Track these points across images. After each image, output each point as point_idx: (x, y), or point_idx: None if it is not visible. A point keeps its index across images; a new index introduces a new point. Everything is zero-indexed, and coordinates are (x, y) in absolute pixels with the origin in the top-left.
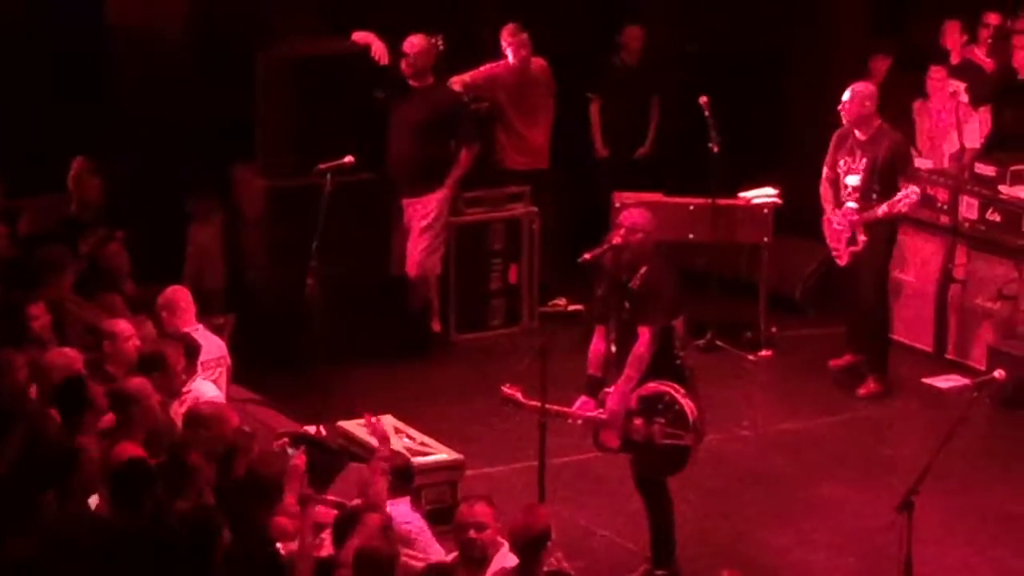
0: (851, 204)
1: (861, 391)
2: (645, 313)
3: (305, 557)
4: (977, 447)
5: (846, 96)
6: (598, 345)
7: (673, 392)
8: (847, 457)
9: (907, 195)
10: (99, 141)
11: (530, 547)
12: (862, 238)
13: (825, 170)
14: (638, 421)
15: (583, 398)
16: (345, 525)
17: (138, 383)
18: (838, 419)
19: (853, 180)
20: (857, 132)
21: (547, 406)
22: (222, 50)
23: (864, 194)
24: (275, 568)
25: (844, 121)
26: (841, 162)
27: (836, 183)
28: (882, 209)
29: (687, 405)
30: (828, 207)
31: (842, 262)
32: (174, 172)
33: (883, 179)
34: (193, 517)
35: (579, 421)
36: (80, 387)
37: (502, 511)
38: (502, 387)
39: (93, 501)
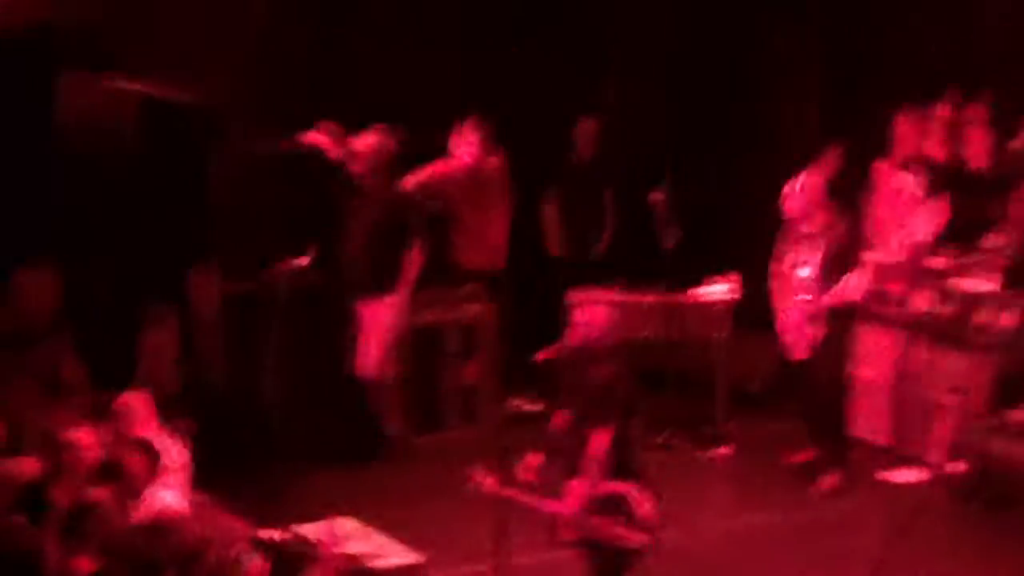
0: (805, 296)
1: (820, 486)
2: (601, 413)
3: None
4: (937, 541)
5: (796, 188)
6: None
7: (630, 493)
8: (807, 552)
9: (856, 281)
10: (48, 245)
11: None
12: (816, 331)
13: (773, 264)
14: (595, 519)
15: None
16: None
17: (97, 494)
18: (798, 515)
19: (804, 272)
20: (804, 225)
21: (515, 497)
22: (172, 152)
23: (816, 285)
24: None
25: (790, 213)
26: (790, 254)
27: (785, 276)
28: (831, 296)
29: (643, 507)
30: (780, 302)
31: (797, 356)
32: (126, 276)
33: (835, 270)
34: None
35: (541, 509)
36: (43, 492)
37: None
38: (474, 474)
39: None
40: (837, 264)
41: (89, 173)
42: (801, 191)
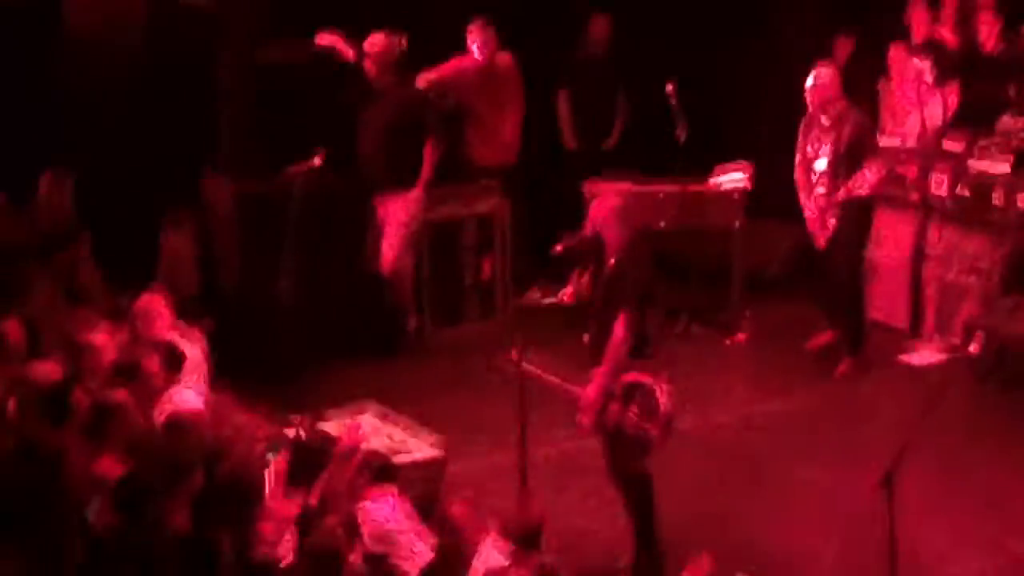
0: (820, 189)
1: (838, 371)
2: (617, 298)
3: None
4: (956, 422)
5: (809, 81)
6: None
7: (652, 383)
8: (827, 438)
9: (864, 177)
10: (67, 151)
11: (524, 541)
12: (832, 222)
13: (798, 156)
14: (614, 407)
15: None
16: (307, 526)
17: (117, 395)
18: (816, 400)
19: (820, 165)
20: (822, 117)
21: (543, 378)
22: (183, 57)
23: (832, 178)
24: (259, 573)
25: (809, 106)
26: (809, 148)
27: (808, 169)
28: (842, 192)
29: (662, 398)
30: (803, 193)
31: (819, 245)
32: (145, 180)
33: (848, 162)
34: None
35: (565, 393)
36: (64, 395)
37: (486, 504)
38: (507, 354)
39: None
40: (850, 156)
41: (102, 78)
42: (816, 83)
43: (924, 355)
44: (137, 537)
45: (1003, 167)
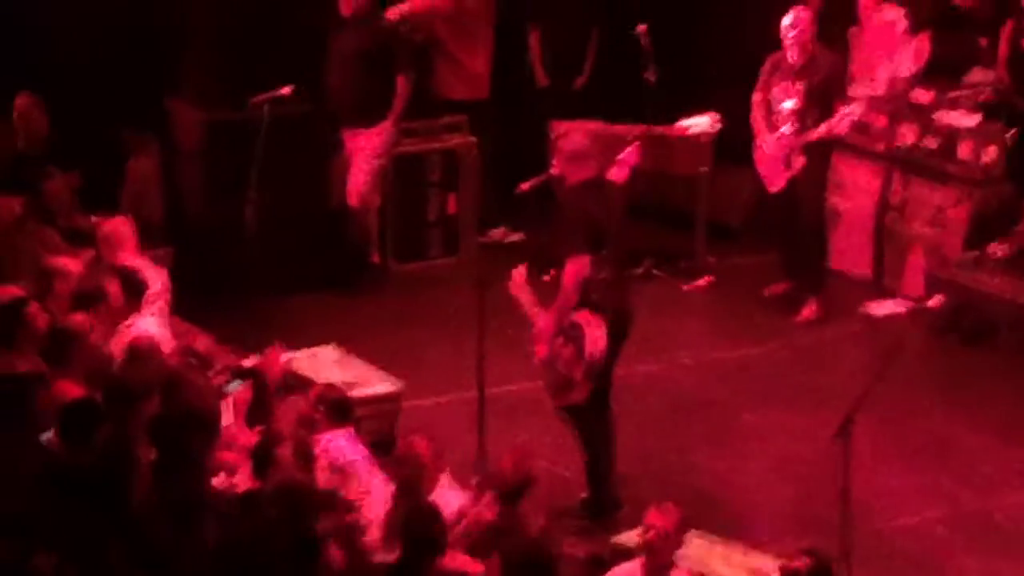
0: (786, 128)
1: (799, 318)
2: (564, 242)
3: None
4: (913, 374)
5: (787, 21)
6: None
7: (585, 327)
8: (785, 384)
9: (847, 113)
10: (33, 75)
11: (512, 494)
12: (798, 162)
13: (757, 96)
14: (559, 340)
15: None
16: (264, 455)
17: (76, 319)
18: (775, 346)
19: (789, 104)
20: (792, 57)
21: (524, 300)
22: None
23: (801, 118)
24: (211, 501)
25: (792, 49)
26: (776, 88)
27: (768, 108)
28: (821, 130)
29: (590, 344)
30: (761, 133)
31: (774, 188)
32: (111, 106)
33: (820, 102)
34: (107, 448)
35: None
36: (18, 310)
37: (441, 443)
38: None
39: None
40: (822, 97)
41: (70, 3)
42: (797, 24)
43: (885, 306)
44: (86, 462)
45: (971, 120)
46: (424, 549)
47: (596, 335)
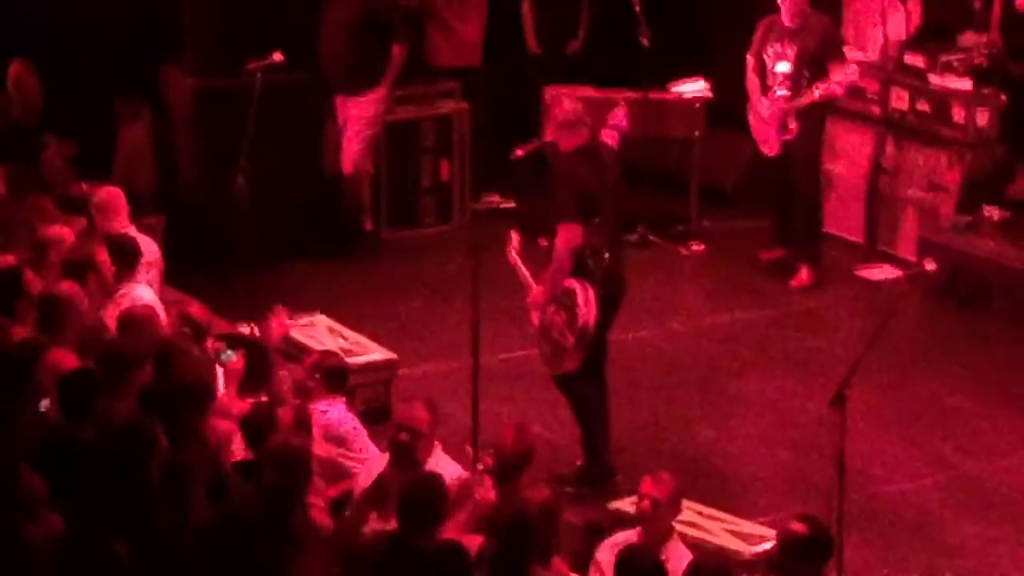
0: (781, 92)
1: (794, 282)
2: (558, 209)
3: None
4: (908, 339)
5: None
6: None
7: (579, 293)
8: (780, 350)
9: (845, 75)
10: (24, 43)
11: (512, 467)
12: (793, 125)
13: (750, 59)
14: (551, 308)
15: None
16: (257, 424)
17: (67, 287)
18: (770, 312)
19: (783, 67)
20: (786, 20)
21: (519, 267)
22: None
23: (795, 81)
24: (211, 468)
25: (786, 11)
26: (769, 50)
27: (762, 72)
28: (818, 91)
29: (583, 311)
30: (755, 96)
31: (771, 152)
32: (103, 72)
33: (813, 65)
34: (127, 428)
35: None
36: (16, 278)
37: (439, 412)
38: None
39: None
40: (815, 61)
41: None
42: None
43: (880, 270)
44: (82, 431)
45: (964, 83)
46: (424, 519)
47: (588, 302)
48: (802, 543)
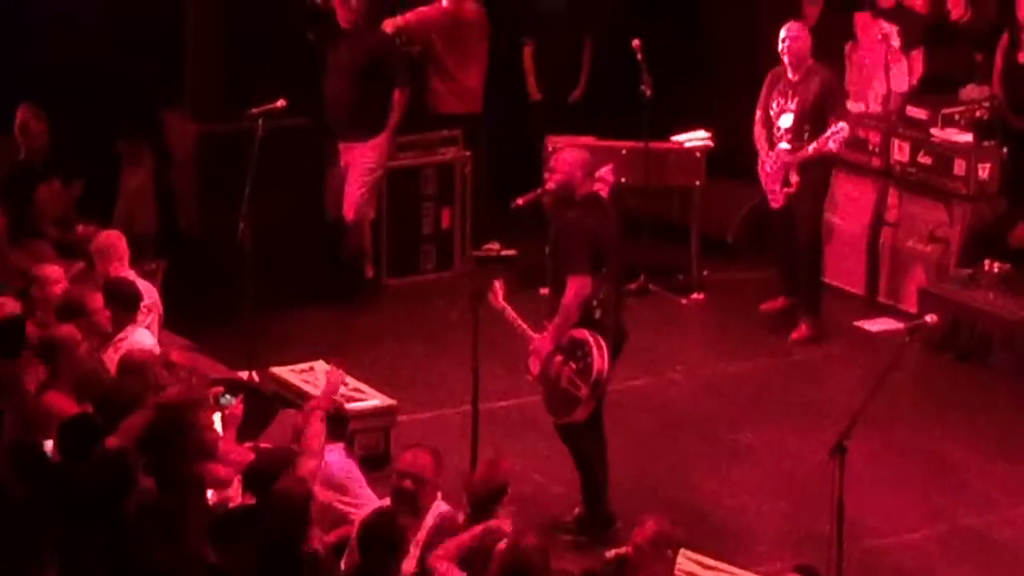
0: (784, 145)
1: (794, 335)
2: (564, 261)
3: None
4: (909, 391)
5: (783, 34)
6: None
7: (592, 344)
8: (779, 401)
9: (835, 132)
10: (28, 86)
11: (485, 501)
12: (795, 179)
13: (758, 112)
14: (558, 358)
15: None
16: (260, 471)
17: (66, 331)
18: (770, 363)
19: (785, 121)
20: (790, 72)
21: (512, 315)
22: None
23: (796, 134)
24: (205, 515)
25: (786, 61)
26: (774, 103)
27: (769, 125)
28: (812, 147)
29: (597, 361)
30: (762, 150)
31: (775, 204)
32: (105, 115)
33: (814, 119)
34: (104, 462)
35: (526, 337)
36: (19, 328)
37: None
38: (496, 281)
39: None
40: (816, 114)
41: (67, 11)
42: (793, 37)
43: (880, 322)
44: (81, 474)
45: (966, 136)
46: (382, 551)
47: (602, 352)
48: None
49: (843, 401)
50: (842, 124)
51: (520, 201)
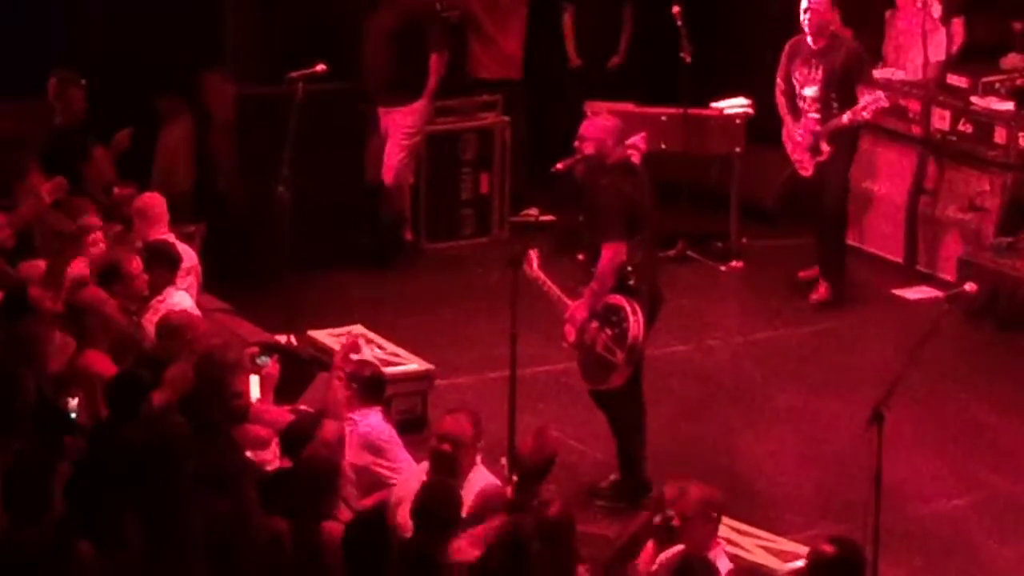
0: (812, 115)
1: (813, 296)
2: (598, 228)
3: None
4: (947, 359)
5: (804, 4)
6: None
7: (628, 310)
8: (817, 368)
9: (873, 100)
10: (69, 48)
11: (533, 473)
12: (826, 148)
13: (779, 82)
14: (593, 324)
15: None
16: (295, 434)
17: (89, 292)
18: (808, 330)
19: (811, 91)
20: (811, 42)
21: (547, 283)
22: None
23: (824, 104)
24: (245, 474)
25: (807, 31)
26: (796, 73)
27: (791, 95)
28: (846, 116)
29: (633, 327)
30: (787, 119)
31: (807, 173)
32: (143, 79)
33: (840, 88)
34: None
35: (561, 305)
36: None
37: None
38: (530, 249)
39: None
40: (842, 83)
41: None
42: (811, 6)
43: (918, 291)
44: (127, 434)
45: (1006, 105)
46: (437, 526)
47: (637, 318)
48: (831, 564)
49: (881, 369)
50: (879, 93)
51: (560, 166)
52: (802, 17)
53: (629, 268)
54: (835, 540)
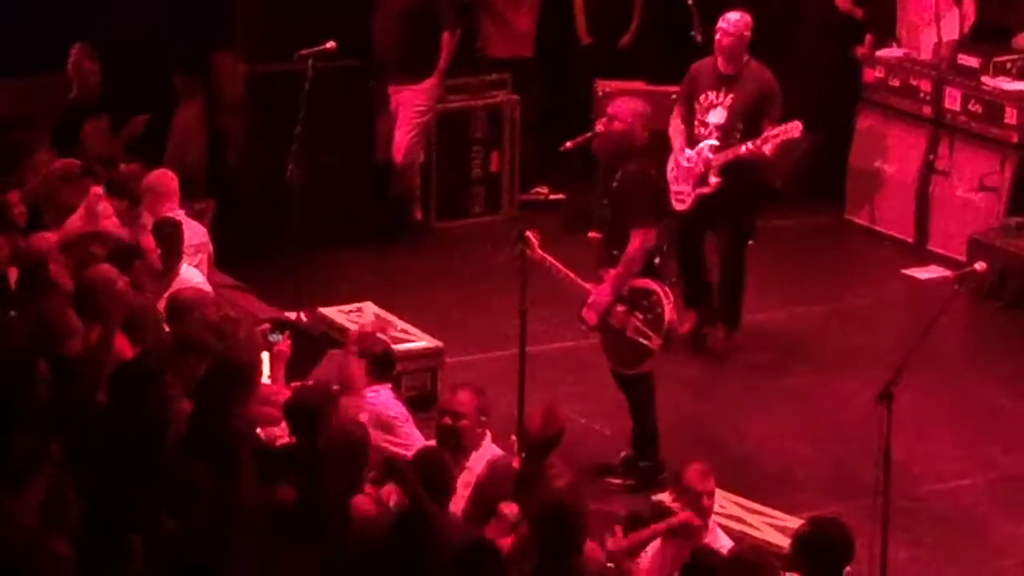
0: (711, 142)
1: (716, 347)
2: (628, 212)
3: None
4: (957, 339)
5: (722, 24)
6: None
7: (660, 294)
8: (827, 347)
9: (782, 131)
10: (82, 26)
11: (540, 448)
12: (714, 180)
13: (678, 106)
14: (620, 308)
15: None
16: (301, 412)
17: (101, 270)
18: (819, 309)
19: (716, 117)
20: (722, 66)
21: (553, 263)
22: None
23: (726, 132)
24: (254, 454)
25: (721, 46)
26: (702, 96)
27: (689, 120)
28: (745, 147)
29: (668, 311)
30: (677, 142)
31: (682, 207)
32: (156, 57)
33: (748, 119)
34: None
35: (574, 285)
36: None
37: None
38: (527, 232)
39: None
40: (751, 114)
41: None
42: (734, 26)
43: (928, 270)
44: (138, 416)
45: (1018, 85)
46: (434, 494)
47: (671, 303)
48: (807, 543)
49: (891, 348)
50: (785, 126)
51: (569, 144)
52: (717, 36)
53: (655, 251)
54: (817, 520)
